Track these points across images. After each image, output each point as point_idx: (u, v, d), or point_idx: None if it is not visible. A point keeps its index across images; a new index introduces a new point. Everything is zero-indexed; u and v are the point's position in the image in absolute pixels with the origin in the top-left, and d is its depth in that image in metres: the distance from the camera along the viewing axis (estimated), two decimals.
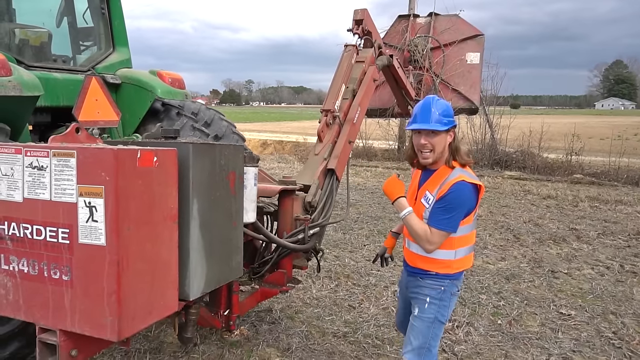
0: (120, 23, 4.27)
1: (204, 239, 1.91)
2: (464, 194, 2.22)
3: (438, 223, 2.24)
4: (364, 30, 4.32)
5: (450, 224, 2.23)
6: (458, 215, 2.22)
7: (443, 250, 2.33)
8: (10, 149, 1.62)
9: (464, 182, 2.21)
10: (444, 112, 2.29)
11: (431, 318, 2.37)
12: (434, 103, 2.31)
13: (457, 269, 2.38)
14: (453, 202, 2.20)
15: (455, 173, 2.26)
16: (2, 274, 1.67)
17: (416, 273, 2.44)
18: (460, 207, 2.21)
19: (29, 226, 1.60)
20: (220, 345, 3.50)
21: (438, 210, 2.24)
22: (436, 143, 2.27)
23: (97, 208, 1.48)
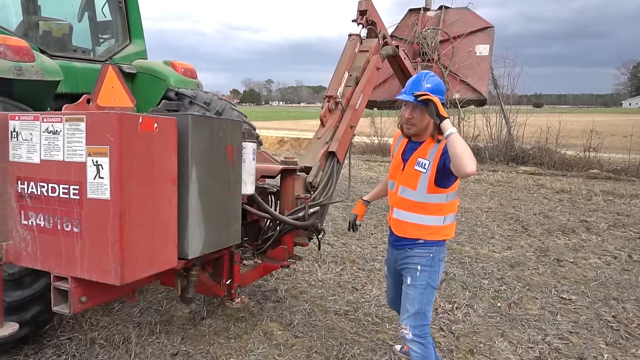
0: (136, 16, 4.51)
1: (202, 204, 2.08)
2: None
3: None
4: (368, 21, 4.46)
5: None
6: None
7: (432, 216, 2.46)
8: (30, 116, 1.82)
9: None
10: (433, 87, 2.34)
11: (423, 284, 2.48)
12: (426, 77, 2.37)
13: (445, 235, 2.50)
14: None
15: (443, 140, 2.32)
16: (22, 228, 1.87)
17: (404, 245, 2.55)
18: None
19: (45, 184, 1.80)
20: (225, 319, 3.69)
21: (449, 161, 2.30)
22: (420, 118, 2.36)
23: (103, 166, 1.66)
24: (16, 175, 1.87)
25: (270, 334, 3.47)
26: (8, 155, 1.88)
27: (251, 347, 3.28)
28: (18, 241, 1.90)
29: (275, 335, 3.46)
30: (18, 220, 1.88)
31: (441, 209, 2.45)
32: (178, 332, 3.49)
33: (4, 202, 1.89)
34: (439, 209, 2.44)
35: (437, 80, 2.40)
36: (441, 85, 2.39)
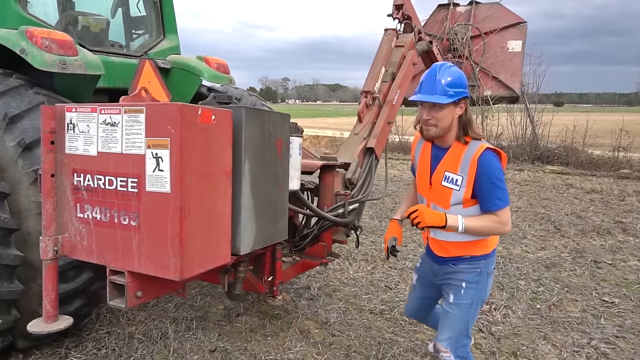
0: (170, 12, 4.51)
1: (253, 198, 2.04)
2: (497, 161, 2.06)
3: (499, 201, 2.04)
4: (404, 15, 4.37)
5: (506, 195, 2.08)
6: (504, 184, 2.09)
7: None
8: (87, 108, 1.80)
9: (489, 150, 2.05)
10: (452, 81, 2.02)
11: (468, 303, 2.21)
12: (441, 71, 2.05)
13: (492, 246, 2.25)
14: (495, 173, 2.02)
15: (474, 146, 2.06)
16: (78, 221, 1.86)
17: (447, 261, 2.27)
18: (502, 174, 2.06)
19: (102, 177, 1.78)
20: (261, 316, 3.66)
21: (488, 191, 2.03)
22: (441, 118, 2.05)
23: (163, 158, 1.63)
24: (72, 167, 1.85)
25: (307, 332, 3.43)
26: (64, 148, 1.86)
27: (289, 345, 3.24)
28: (73, 234, 1.88)
29: (312, 334, 3.41)
30: (73, 213, 1.87)
31: None
32: (214, 328, 3.47)
33: (60, 195, 1.88)
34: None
35: (455, 72, 2.07)
36: (461, 78, 2.07)
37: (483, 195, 2.04)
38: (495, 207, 2.05)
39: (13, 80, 2.88)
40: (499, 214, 2.05)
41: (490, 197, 2.04)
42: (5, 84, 2.80)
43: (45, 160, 1.84)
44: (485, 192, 2.04)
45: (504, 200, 2.05)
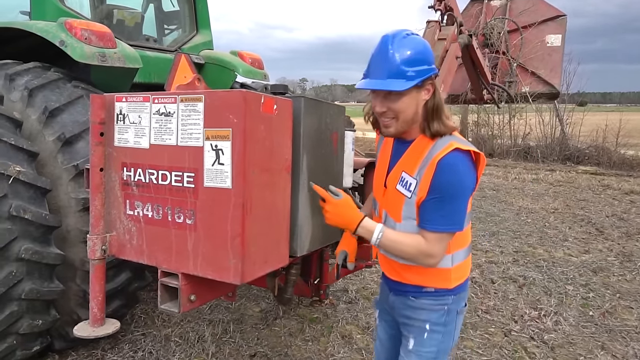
0: (203, 6, 4.41)
1: (311, 195, 1.89)
2: (462, 170, 1.46)
3: (435, 223, 1.48)
4: (446, 7, 4.19)
5: (454, 219, 1.48)
6: (462, 203, 1.49)
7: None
8: (139, 97, 1.68)
9: (457, 152, 1.46)
10: (412, 56, 1.44)
11: (433, 352, 1.65)
12: (395, 43, 1.45)
13: (458, 279, 1.64)
14: (450, 186, 1.45)
15: (441, 142, 1.50)
16: (127, 219, 1.74)
17: (405, 291, 1.67)
18: (462, 190, 1.47)
19: (154, 172, 1.65)
20: (299, 320, 3.52)
21: (431, 204, 1.48)
22: (400, 108, 1.50)
23: (224, 151, 1.49)
24: (122, 161, 1.73)
25: (349, 338, 3.27)
26: (113, 140, 1.74)
27: (331, 351, 3.09)
28: (122, 232, 1.76)
29: (354, 339, 3.25)
30: (122, 210, 1.75)
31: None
32: (252, 331, 3.34)
33: (108, 191, 1.76)
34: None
35: (415, 42, 1.48)
36: (425, 50, 1.49)
37: (424, 208, 1.50)
38: (430, 227, 1.48)
39: (52, 73, 2.80)
40: (430, 238, 1.48)
41: (430, 212, 1.48)
42: (44, 77, 2.73)
43: (94, 153, 1.72)
44: (428, 205, 1.48)
45: (446, 224, 1.48)
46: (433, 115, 1.52)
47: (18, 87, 2.67)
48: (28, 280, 2.23)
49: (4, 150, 2.22)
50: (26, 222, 2.19)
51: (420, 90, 1.50)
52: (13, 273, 2.15)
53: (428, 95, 1.52)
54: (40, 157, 2.50)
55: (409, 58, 1.45)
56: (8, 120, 2.36)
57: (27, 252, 2.18)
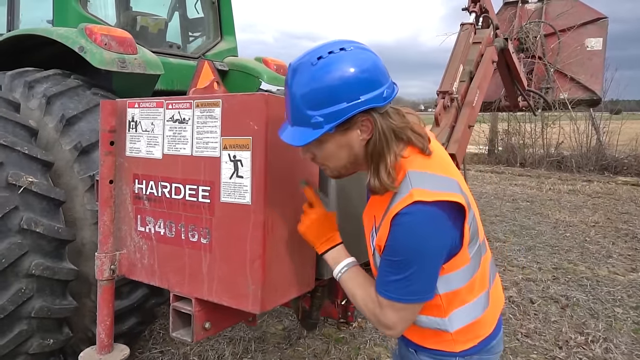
0: (228, 13, 4.32)
1: (339, 211, 1.70)
2: (423, 232, 1.12)
3: (387, 289, 1.17)
4: (482, 8, 3.96)
5: (413, 288, 1.15)
6: (425, 269, 1.15)
7: (427, 317, 1.27)
8: (152, 103, 1.53)
9: (418, 206, 1.11)
10: (315, 95, 1.09)
11: None
12: (296, 74, 1.13)
13: (466, 342, 1.30)
14: (406, 250, 1.12)
15: (403, 188, 1.15)
16: (138, 235, 1.58)
17: (406, 343, 1.38)
18: (424, 254, 1.13)
19: (167, 184, 1.49)
20: (324, 340, 3.31)
21: (385, 265, 1.18)
22: (325, 156, 1.21)
23: (243, 162, 1.32)
24: (133, 172, 1.58)
25: None
26: (125, 149, 1.60)
27: None
28: (133, 251, 1.60)
29: None
30: (133, 226, 1.59)
31: (435, 305, 1.25)
32: (274, 351, 3.15)
33: (118, 205, 1.61)
34: (434, 306, 1.25)
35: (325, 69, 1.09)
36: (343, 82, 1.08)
37: (380, 264, 1.21)
38: (381, 291, 1.19)
39: (71, 80, 2.72)
40: (383, 304, 1.19)
41: (383, 273, 1.18)
42: (63, 84, 2.64)
43: (104, 163, 1.58)
44: (382, 263, 1.19)
45: (402, 292, 1.15)
46: (372, 161, 1.16)
47: (37, 94, 2.59)
48: (38, 297, 2.11)
49: (17, 159, 2.12)
50: (37, 236, 2.08)
51: (349, 132, 1.14)
52: (22, 290, 2.03)
53: (367, 133, 1.14)
54: (57, 167, 2.40)
55: (312, 97, 1.08)
56: (23, 128, 2.27)
57: (37, 267, 2.06)
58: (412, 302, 1.18)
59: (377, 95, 1.11)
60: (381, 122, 1.13)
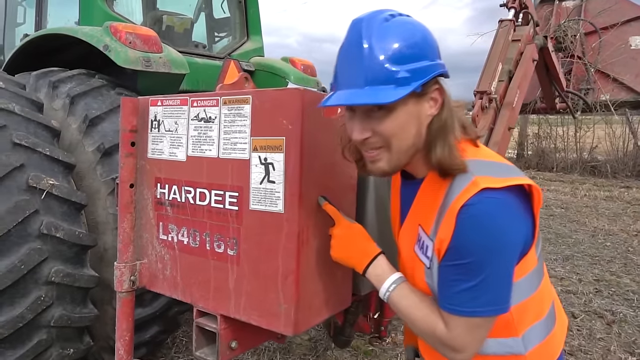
0: (255, 12, 4.22)
1: (377, 220, 1.54)
2: (498, 223, 0.95)
3: (457, 303, 0.99)
4: (521, 4, 3.74)
5: (490, 297, 0.97)
6: (501, 271, 0.97)
7: (498, 340, 1.07)
8: (175, 100, 1.41)
9: (487, 194, 0.95)
10: (401, 49, 0.95)
11: None
12: (371, 30, 0.96)
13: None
14: (479, 249, 0.95)
15: (460, 180, 0.99)
16: (160, 244, 1.46)
17: None
18: (500, 252, 0.96)
19: (191, 189, 1.36)
20: (353, 352, 3.14)
21: (451, 273, 1.00)
22: (391, 131, 0.99)
23: (275, 165, 1.18)
24: (155, 176, 1.46)
25: None
26: (146, 151, 1.48)
27: None
28: (154, 260, 1.48)
29: None
30: (155, 234, 1.47)
31: (505, 322, 1.05)
32: None
33: (139, 210, 1.50)
34: (503, 324, 1.05)
35: (403, 26, 0.99)
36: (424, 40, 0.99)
37: (441, 278, 1.03)
38: (450, 307, 1.00)
39: (96, 80, 2.64)
40: (452, 324, 1.00)
41: (449, 284, 1.00)
42: (87, 83, 2.57)
43: (124, 166, 1.46)
44: (446, 272, 1.01)
45: (477, 304, 0.97)
46: (435, 139, 1.01)
47: (61, 94, 2.52)
48: (58, 305, 2.02)
49: (38, 161, 2.04)
50: (58, 241, 1.99)
51: (421, 101, 1.00)
52: (42, 298, 1.94)
53: (435, 108, 1.01)
54: (79, 169, 2.31)
55: (398, 51, 0.95)
56: (45, 129, 2.19)
57: (57, 274, 1.97)
58: (488, 316, 0.98)
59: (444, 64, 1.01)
60: (448, 97, 1.03)
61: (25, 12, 3.94)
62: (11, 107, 2.09)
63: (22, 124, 2.10)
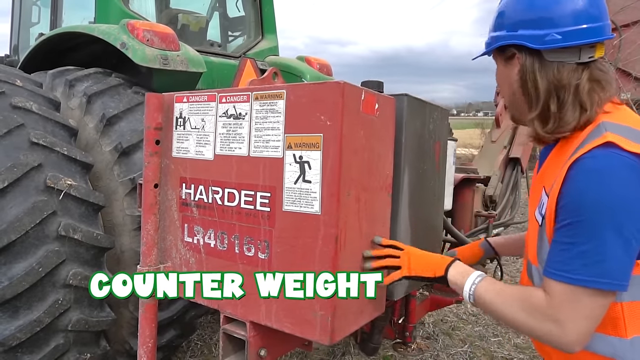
0: (269, 10, 4.16)
1: (411, 222, 1.47)
2: (616, 177, 0.88)
3: (561, 268, 0.92)
4: None
5: (603, 265, 0.87)
6: (617, 238, 0.87)
7: (602, 336, 0.97)
8: (202, 96, 1.34)
9: (610, 149, 0.90)
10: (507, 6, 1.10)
11: None
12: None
13: None
14: (589, 202, 0.88)
15: (590, 137, 0.96)
16: (184, 247, 1.40)
17: None
18: (616, 212, 0.86)
19: (219, 189, 1.30)
20: (372, 357, 3.07)
21: (561, 236, 0.93)
22: (497, 81, 1.18)
23: (312, 164, 1.11)
24: (180, 175, 1.40)
25: None
26: (171, 150, 1.42)
27: None
28: (179, 264, 1.42)
29: None
30: (180, 237, 1.41)
31: (614, 317, 0.96)
32: None
33: (163, 212, 1.44)
34: (610, 318, 0.95)
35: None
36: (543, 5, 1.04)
37: (551, 246, 0.97)
38: (556, 275, 0.92)
39: (112, 79, 2.59)
40: (554, 292, 0.92)
41: (555, 248, 0.94)
42: (104, 82, 2.52)
43: (148, 165, 1.40)
44: (554, 240, 0.95)
45: (583, 271, 0.88)
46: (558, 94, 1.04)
47: (77, 93, 2.48)
48: (76, 309, 1.96)
49: (55, 161, 1.99)
50: (76, 243, 1.93)
51: (509, 64, 1.12)
52: (59, 301, 1.88)
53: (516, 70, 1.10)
54: (96, 169, 2.26)
55: (503, 9, 1.12)
56: (62, 128, 2.14)
57: (75, 277, 1.91)
58: (598, 288, 0.87)
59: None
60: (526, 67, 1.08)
61: (40, 12, 3.92)
62: (29, 106, 2.04)
63: (40, 123, 2.05)
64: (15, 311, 1.80)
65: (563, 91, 1.02)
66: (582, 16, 1.02)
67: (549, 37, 1.03)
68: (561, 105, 1.03)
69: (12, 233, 1.77)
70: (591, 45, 1.02)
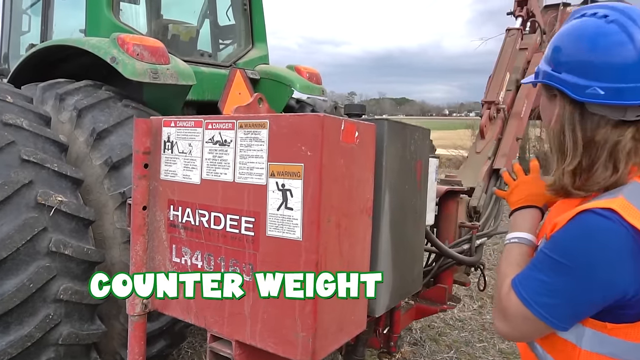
0: (260, 19, 4.20)
1: (392, 242, 1.53)
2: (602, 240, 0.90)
3: (522, 282, 1.00)
4: (529, 12, 3.73)
5: (547, 299, 0.95)
6: (573, 288, 0.92)
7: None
8: (189, 122, 1.39)
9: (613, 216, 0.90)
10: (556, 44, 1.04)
11: None
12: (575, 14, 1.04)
13: None
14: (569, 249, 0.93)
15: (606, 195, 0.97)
16: (173, 267, 1.44)
17: None
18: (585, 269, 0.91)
19: (205, 213, 1.35)
20: None
21: (538, 258, 1.01)
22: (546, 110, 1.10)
23: (293, 192, 1.16)
24: (168, 198, 1.44)
25: None
26: (159, 172, 1.46)
27: None
28: None
29: None
30: (168, 257, 1.45)
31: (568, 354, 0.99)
32: None
33: (152, 232, 1.48)
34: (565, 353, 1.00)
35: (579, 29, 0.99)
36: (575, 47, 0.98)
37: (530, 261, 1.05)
38: (515, 284, 1.01)
39: (103, 92, 2.63)
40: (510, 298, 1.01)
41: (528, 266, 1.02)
42: (94, 96, 2.55)
43: (137, 188, 1.44)
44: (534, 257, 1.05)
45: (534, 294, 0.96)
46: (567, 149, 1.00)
47: (68, 107, 2.51)
48: (66, 323, 2.00)
49: (46, 177, 2.02)
50: (66, 258, 1.97)
51: (552, 102, 1.05)
52: (50, 316, 1.92)
53: (559, 113, 1.02)
54: (86, 183, 2.30)
55: (557, 42, 1.03)
56: (53, 144, 2.18)
57: (66, 292, 1.95)
58: (538, 318, 0.95)
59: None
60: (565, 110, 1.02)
61: (30, 21, 3.93)
62: (19, 122, 2.07)
63: (31, 140, 2.08)
64: (6, 327, 1.83)
65: (598, 147, 0.96)
66: (630, 73, 0.90)
67: (590, 91, 0.93)
68: (592, 162, 0.97)
69: (3, 250, 1.80)
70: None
